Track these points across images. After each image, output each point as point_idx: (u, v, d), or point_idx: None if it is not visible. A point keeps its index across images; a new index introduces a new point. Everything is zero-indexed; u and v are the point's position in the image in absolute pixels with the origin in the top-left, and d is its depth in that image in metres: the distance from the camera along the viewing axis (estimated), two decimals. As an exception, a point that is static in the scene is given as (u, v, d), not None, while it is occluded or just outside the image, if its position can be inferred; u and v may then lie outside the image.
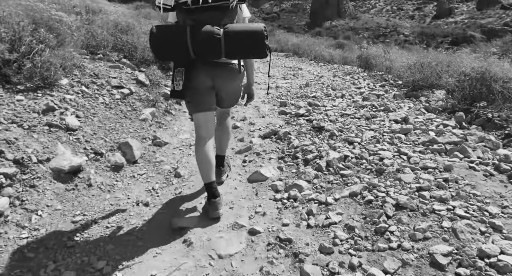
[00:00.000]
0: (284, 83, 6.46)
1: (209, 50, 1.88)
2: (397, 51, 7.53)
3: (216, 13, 1.89)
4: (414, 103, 4.29)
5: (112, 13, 7.54)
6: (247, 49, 1.89)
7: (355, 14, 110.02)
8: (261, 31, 1.84)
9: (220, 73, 2.10)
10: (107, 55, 4.60)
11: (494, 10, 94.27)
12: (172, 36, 1.88)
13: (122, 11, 13.78)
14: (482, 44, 15.37)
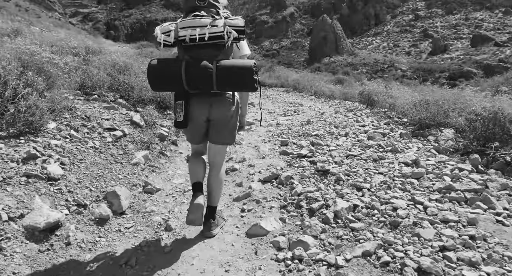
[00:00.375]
0: (285, 120, 6.31)
1: (202, 83, 2.01)
2: (399, 88, 7.44)
3: (212, 50, 2.04)
4: (422, 143, 4.07)
5: (112, 53, 7.60)
6: (237, 82, 2.03)
7: (352, 50, 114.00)
8: (250, 66, 1.99)
9: (215, 103, 2.19)
10: (102, 96, 4.48)
11: (488, 47, 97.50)
12: (167, 68, 2.03)
13: (124, 50, 14.10)
14: (483, 80, 15.47)
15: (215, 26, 1.99)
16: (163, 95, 5.15)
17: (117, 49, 16.38)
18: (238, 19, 2.08)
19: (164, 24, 2.11)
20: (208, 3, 2.13)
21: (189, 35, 1.99)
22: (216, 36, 2.00)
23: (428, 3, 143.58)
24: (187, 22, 2.03)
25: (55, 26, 17.46)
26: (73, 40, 7.64)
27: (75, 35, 15.60)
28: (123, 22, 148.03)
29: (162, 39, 2.02)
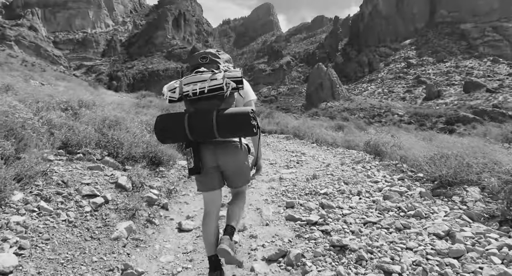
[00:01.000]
0: (288, 173, 5.84)
1: (204, 132, 2.12)
2: (407, 136, 7.08)
3: (214, 101, 2.18)
4: (448, 205, 3.57)
5: (107, 105, 7.36)
6: (236, 128, 2.11)
7: (348, 96, 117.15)
8: (247, 113, 2.08)
9: (222, 151, 2.27)
10: (88, 154, 4.07)
11: (481, 93, 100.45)
12: (171, 121, 2.18)
13: (123, 100, 14.04)
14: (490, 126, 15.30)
15: (215, 79, 2.15)
16: (155, 149, 4.75)
17: (116, 99, 16.42)
18: (236, 70, 2.26)
19: (171, 82, 2.30)
20: (209, 60, 2.33)
21: (191, 90, 2.16)
22: (216, 88, 2.14)
23: (419, 52, 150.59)
24: (190, 78, 2.20)
25: (57, 79, 17.70)
26: (68, 94, 7.45)
27: (75, 87, 15.70)
28: (125, 73, 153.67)
29: (168, 96, 2.24)
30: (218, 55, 2.39)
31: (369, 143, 6.84)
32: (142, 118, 6.17)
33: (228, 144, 2.29)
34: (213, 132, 2.09)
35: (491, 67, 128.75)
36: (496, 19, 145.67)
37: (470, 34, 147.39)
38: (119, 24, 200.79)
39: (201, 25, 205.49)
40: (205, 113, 2.11)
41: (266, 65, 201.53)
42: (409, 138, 7.27)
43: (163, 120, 2.22)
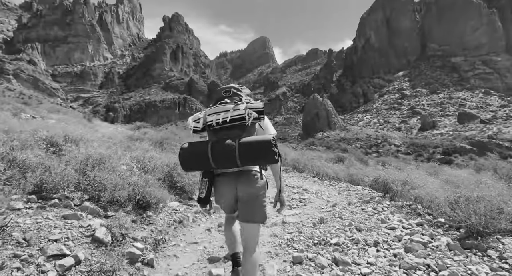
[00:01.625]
0: (291, 215, 5.29)
1: (226, 159, 2.18)
2: (418, 172, 6.61)
3: (236, 131, 2.29)
4: (484, 262, 3.03)
5: (97, 139, 6.91)
6: (258, 156, 2.15)
7: (344, 126, 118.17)
8: (269, 140, 2.13)
9: (242, 180, 2.32)
10: (65, 199, 3.54)
11: (475, 124, 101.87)
12: (196, 149, 2.26)
13: (115, 133, 13.60)
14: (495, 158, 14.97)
15: (237, 109, 2.27)
16: (143, 191, 4.22)
17: (110, 132, 15.98)
18: (258, 102, 2.35)
19: (196, 113, 2.43)
20: (232, 93, 2.46)
21: (215, 119, 2.28)
22: (239, 118, 2.25)
23: (413, 84, 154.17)
24: (214, 109, 2.34)
25: (50, 112, 17.34)
26: (57, 127, 7.02)
27: (69, 120, 15.30)
28: (122, 104, 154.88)
29: (193, 126, 2.36)
30: (240, 89, 2.54)
31: (378, 180, 6.34)
32: (132, 153, 5.69)
33: (248, 175, 2.33)
34: (235, 159, 2.15)
35: (483, 99, 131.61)
36: (485, 53, 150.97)
37: (461, 67, 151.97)
38: (117, 57, 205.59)
39: (198, 57, 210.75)
40: (227, 141, 2.19)
41: (263, 96, 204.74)
42: (417, 173, 6.79)
43: (187, 149, 2.29)
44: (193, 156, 2.24)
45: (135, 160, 5.34)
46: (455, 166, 30.87)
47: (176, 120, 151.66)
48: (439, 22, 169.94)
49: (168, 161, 5.33)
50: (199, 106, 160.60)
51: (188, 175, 5.19)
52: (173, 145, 9.09)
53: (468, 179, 6.71)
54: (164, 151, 7.54)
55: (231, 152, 2.14)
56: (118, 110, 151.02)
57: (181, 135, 17.63)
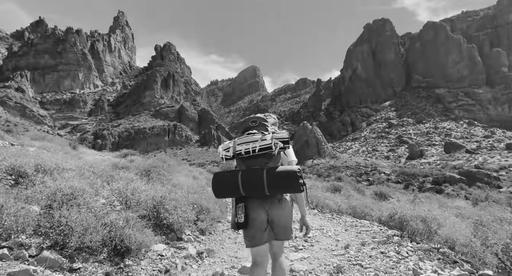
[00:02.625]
0: (298, 261, 4.45)
1: (255, 188, 2.36)
2: (430, 206, 5.91)
3: (263, 159, 2.45)
4: None
5: (76, 168, 6.07)
6: (284, 186, 2.33)
7: (334, 154, 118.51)
8: (295, 171, 2.32)
9: (271, 204, 2.48)
10: (18, 248, 2.70)
11: (461, 153, 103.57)
12: (227, 178, 2.43)
13: (100, 160, 12.69)
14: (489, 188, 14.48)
15: (264, 139, 2.45)
16: (121, 233, 3.39)
17: (95, 159, 15.00)
18: (283, 132, 2.55)
19: (225, 142, 2.63)
20: (259, 123, 2.67)
21: (244, 149, 2.47)
22: (266, 147, 2.43)
23: (399, 113, 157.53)
24: (242, 139, 2.53)
25: (33, 139, 16.39)
26: (34, 156, 6.20)
27: (52, 147, 14.35)
28: (111, 131, 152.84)
29: (224, 155, 2.55)
30: (266, 119, 2.74)
31: (394, 217, 5.59)
32: (113, 185, 4.87)
33: (275, 200, 2.50)
34: (264, 188, 2.34)
35: (467, 129, 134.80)
36: (467, 85, 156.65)
37: (445, 98, 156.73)
38: (108, 85, 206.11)
39: (189, 85, 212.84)
40: (256, 171, 2.37)
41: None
42: (428, 206, 6.09)
43: (219, 177, 2.47)
44: (225, 184, 2.42)
45: (116, 193, 4.52)
46: (446, 196, 30.51)
47: (166, 147, 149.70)
48: (422, 55, 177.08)
49: (155, 194, 4.50)
50: (189, 133, 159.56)
51: (178, 211, 4.36)
52: (162, 174, 8.24)
53: (481, 214, 6.08)
54: (150, 181, 6.70)
55: (259, 182, 2.33)
56: (106, 137, 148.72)
57: (170, 162, 16.74)
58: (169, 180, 7.74)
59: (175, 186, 6.52)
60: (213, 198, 6.05)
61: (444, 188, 47.31)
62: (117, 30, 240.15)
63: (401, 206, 5.81)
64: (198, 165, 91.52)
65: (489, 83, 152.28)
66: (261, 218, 2.45)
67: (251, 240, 2.48)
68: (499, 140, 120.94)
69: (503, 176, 60.71)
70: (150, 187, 5.41)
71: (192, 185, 10.03)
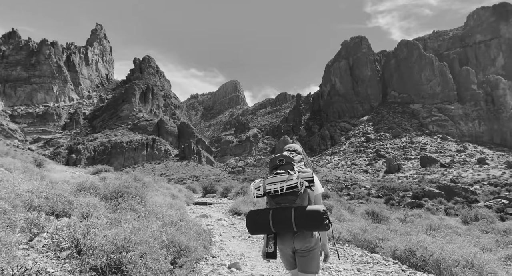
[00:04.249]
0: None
1: (284, 226, 2.62)
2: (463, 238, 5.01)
3: (292, 197, 2.71)
4: None
5: (24, 193, 4.85)
6: (311, 224, 2.59)
7: (314, 168, 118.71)
8: (320, 211, 2.59)
9: (297, 238, 2.70)
10: None
11: (436, 168, 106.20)
12: (259, 217, 2.71)
13: (64, 178, 11.27)
14: (466, 202, 13.96)
15: (291, 180, 2.69)
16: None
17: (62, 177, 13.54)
18: (308, 171, 2.86)
19: (256, 181, 2.92)
20: (285, 162, 2.92)
21: (273, 188, 2.71)
22: (292, 186, 2.68)
23: (376, 128, 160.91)
24: (271, 179, 2.77)
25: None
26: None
27: (13, 164, 12.73)
28: (86, 145, 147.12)
29: (255, 193, 2.83)
30: (292, 157, 3.02)
31: (414, 252, 4.62)
32: (62, 221, 3.66)
33: (302, 234, 2.72)
34: (292, 227, 2.60)
35: (441, 144, 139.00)
36: (440, 101, 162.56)
37: (420, 113, 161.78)
38: (84, 98, 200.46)
39: (169, 99, 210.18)
40: (285, 211, 2.64)
41: (233, 137, 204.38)
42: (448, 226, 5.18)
43: (253, 216, 2.76)
44: (258, 224, 2.70)
45: (63, 233, 3.35)
46: (426, 210, 30.34)
47: (143, 161, 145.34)
48: (397, 72, 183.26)
49: (116, 235, 3.25)
50: (168, 147, 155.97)
51: (147, 259, 3.21)
52: (135, 196, 6.98)
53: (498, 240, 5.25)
54: (118, 210, 5.48)
55: (288, 221, 2.60)
56: (81, 151, 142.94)
57: (145, 180, 15.35)
58: (143, 205, 6.55)
59: (148, 215, 5.37)
60: (195, 230, 4.96)
61: (423, 203, 47.44)
62: (94, 42, 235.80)
63: (422, 240, 4.82)
64: (177, 180, 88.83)
65: (460, 99, 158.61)
66: (288, 249, 2.75)
67: (285, 266, 2.89)
68: (471, 155, 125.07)
69: (478, 190, 61.95)
70: (115, 220, 4.25)
71: (169, 209, 8.81)
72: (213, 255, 5.36)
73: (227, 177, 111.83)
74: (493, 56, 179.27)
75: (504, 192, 61.10)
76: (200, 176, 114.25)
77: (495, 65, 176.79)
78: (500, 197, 50.10)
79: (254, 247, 6.90)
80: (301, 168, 2.88)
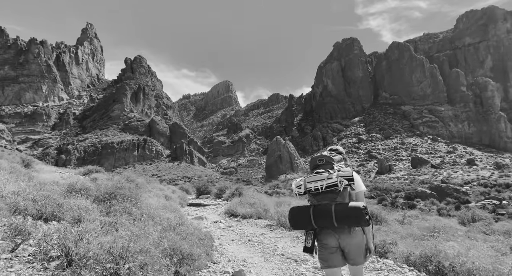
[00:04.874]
0: None
1: (325, 222, 2.80)
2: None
3: (332, 195, 2.86)
4: None
5: (10, 194, 4.45)
6: (351, 220, 2.73)
7: (306, 168, 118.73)
8: (360, 207, 2.73)
9: (341, 233, 2.84)
10: None
11: (427, 168, 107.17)
12: (300, 213, 2.92)
13: (56, 179, 10.76)
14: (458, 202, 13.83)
15: (330, 178, 2.85)
16: None
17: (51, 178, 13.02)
18: (347, 170, 2.97)
19: (297, 179, 3.09)
20: (325, 162, 3.09)
21: (313, 187, 2.88)
22: (332, 185, 2.83)
23: (368, 129, 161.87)
24: (311, 178, 2.94)
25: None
26: None
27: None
28: (76, 146, 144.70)
29: (297, 191, 3.01)
30: (332, 157, 3.16)
31: (430, 260, 4.29)
32: (51, 225, 3.28)
33: (346, 230, 2.85)
34: (333, 222, 2.74)
35: (432, 145, 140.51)
36: (430, 103, 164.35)
37: (411, 114, 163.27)
38: (74, 98, 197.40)
39: (160, 99, 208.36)
40: (325, 207, 2.79)
41: (226, 137, 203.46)
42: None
43: (294, 212, 2.96)
44: (299, 219, 2.90)
45: (52, 240, 2.96)
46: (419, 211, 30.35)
47: (135, 162, 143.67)
48: (389, 74, 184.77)
49: (113, 243, 2.84)
50: (159, 147, 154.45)
51: (148, 271, 2.84)
52: (128, 198, 6.56)
53: None
54: (111, 213, 5.08)
55: (329, 217, 2.74)
56: (71, 152, 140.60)
57: (138, 181, 14.89)
58: (138, 207, 6.15)
59: (146, 218, 4.98)
60: (196, 234, 4.60)
61: (416, 203, 47.60)
62: (85, 42, 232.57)
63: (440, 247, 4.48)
64: (169, 181, 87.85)
65: (450, 101, 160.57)
66: (331, 244, 2.85)
67: (324, 263, 2.91)
68: (461, 156, 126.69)
69: (468, 191, 62.48)
70: (109, 224, 3.87)
71: (165, 211, 8.41)
72: (214, 261, 5.00)
73: (220, 178, 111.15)
74: (482, 58, 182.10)
75: (494, 192, 61.81)
76: (192, 177, 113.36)
77: (484, 67, 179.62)
78: (491, 198, 50.60)
79: (255, 251, 6.56)
80: (341, 168, 3.01)
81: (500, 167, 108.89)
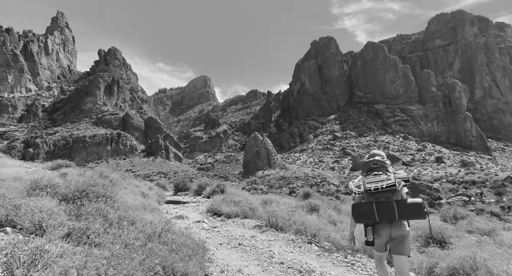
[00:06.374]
0: None
1: (388, 216, 3.36)
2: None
3: (388, 194, 3.42)
4: None
5: None
6: (412, 214, 3.34)
7: (283, 165, 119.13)
8: (420, 203, 3.35)
9: (395, 225, 3.42)
10: None
11: (398, 166, 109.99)
12: (364, 209, 3.48)
13: (16, 174, 9.55)
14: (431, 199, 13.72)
15: (390, 179, 3.38)
16: None
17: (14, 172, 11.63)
18: (403, 172, 3.54)
19: (355, 180, 3.67)
20: (380, 165, 3.56)
21: (373, 186, 3.41)
22: (391, 185, 3.37)
23: (343, 126, 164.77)
24: (370, 178, 3.47)
25: None
26: None
27: None
28: (45, 139, 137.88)
29: (356, 190, 3.59)
30: (385, 161, 3.63)
31: (459, 272, 3.78)
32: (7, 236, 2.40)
33: (398, 222, 3.43)
34: (395, 216, 3.32)
35: (403, 143, 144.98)
36: (402, 102, 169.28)
37: (384, 113, 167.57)
38: (43, 89, 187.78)
39: (135, 92, 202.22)
40: (388, 203, 3.36)
41: (203, 133, 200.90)
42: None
43: (358, 208, 3.52)
44: (364, 214, 3.44)
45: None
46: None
47: (108, 157, 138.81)
48: (363, 73, 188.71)
49: (83, 264, 1.97)
50: (134, 142, 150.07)
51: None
52: (103, 200, 5.64)
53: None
54: (82, 215, 4.18)
55: (392, 211, 3.31)
56: (39, 145, 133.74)
57: (113, 177, 13.69)
58: (114, 208, 5.28)
59: (121, 220, 4.13)
60: (188, 245, 3.82)
61: (391, 200, 48.60)
62: (55, 31, 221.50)
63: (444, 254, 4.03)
64: (144, 176, 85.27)
65: (421, 101, 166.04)
66: (386, 234, 3.44)
67: (378, 249, 3.55)
68: (430, 153, 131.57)
69: (439, 187, 64.56)
70: (81, 227, 3.03)
71: (144, 212, 7.54)
72: (206, 273, 4.25)
73: (197, 173, 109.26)
74: (451, 60, 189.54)
75: (462, 189, 64.31)
76: (168, 173, 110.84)
77: (452, 69, 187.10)
78: (461, 195, 52.47)
79: (249, 259, 5.83)
80: (396, 171, 3.55)
81: (466, 164, 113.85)
